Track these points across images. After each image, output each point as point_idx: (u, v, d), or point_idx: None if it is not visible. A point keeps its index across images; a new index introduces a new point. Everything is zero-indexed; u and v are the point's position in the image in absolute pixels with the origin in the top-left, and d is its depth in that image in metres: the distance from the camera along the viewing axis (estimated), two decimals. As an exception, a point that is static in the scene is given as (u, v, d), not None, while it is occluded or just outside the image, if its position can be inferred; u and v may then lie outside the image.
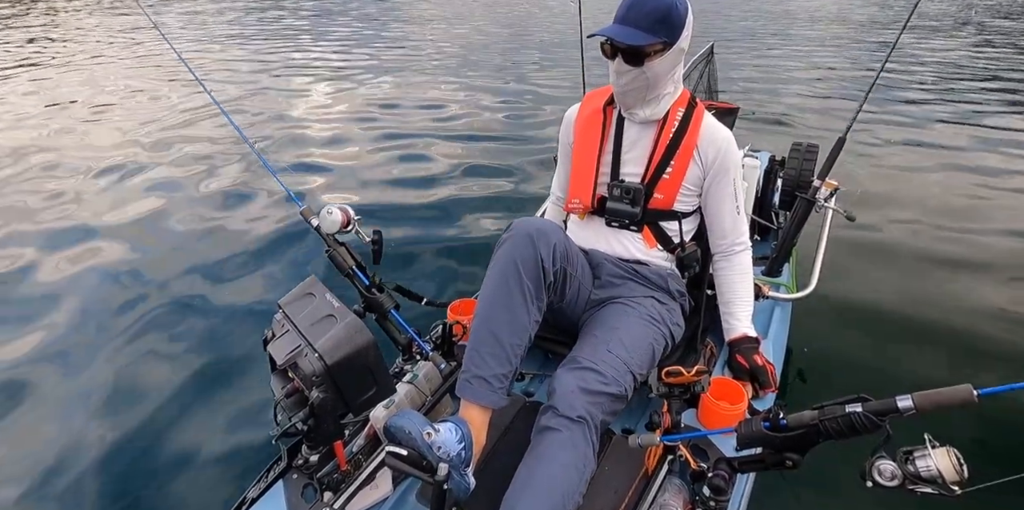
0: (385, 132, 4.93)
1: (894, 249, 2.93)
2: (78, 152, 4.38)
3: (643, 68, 1.22)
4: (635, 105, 1.32)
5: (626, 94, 1.29)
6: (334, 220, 1.34)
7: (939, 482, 0.72)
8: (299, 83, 6.79)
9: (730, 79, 6.77)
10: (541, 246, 1.17)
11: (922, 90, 6.53)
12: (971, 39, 10.53)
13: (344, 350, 1.01)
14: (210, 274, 2.72)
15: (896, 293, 2.53)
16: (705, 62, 3.34)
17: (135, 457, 1.76)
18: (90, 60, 8.16)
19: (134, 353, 2.20)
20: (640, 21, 1.18)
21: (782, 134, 4.84)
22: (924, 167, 4.14)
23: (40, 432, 1.85)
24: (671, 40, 1.21)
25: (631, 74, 1.24)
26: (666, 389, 1.08)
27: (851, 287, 2.51)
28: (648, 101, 1.30)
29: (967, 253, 2.90)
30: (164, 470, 1.71)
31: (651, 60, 1.22)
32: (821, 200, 1.89)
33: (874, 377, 2.01)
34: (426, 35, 11.30)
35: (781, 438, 0.88)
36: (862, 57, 8.92)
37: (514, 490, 1.00)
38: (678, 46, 1.22)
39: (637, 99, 1.30)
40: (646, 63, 1.22)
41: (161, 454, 1.77)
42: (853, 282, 2.57)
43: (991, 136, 4.84)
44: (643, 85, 1.26)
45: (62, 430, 1.85)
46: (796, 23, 13.82)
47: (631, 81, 1.25)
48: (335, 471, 1.16)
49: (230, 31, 11.42)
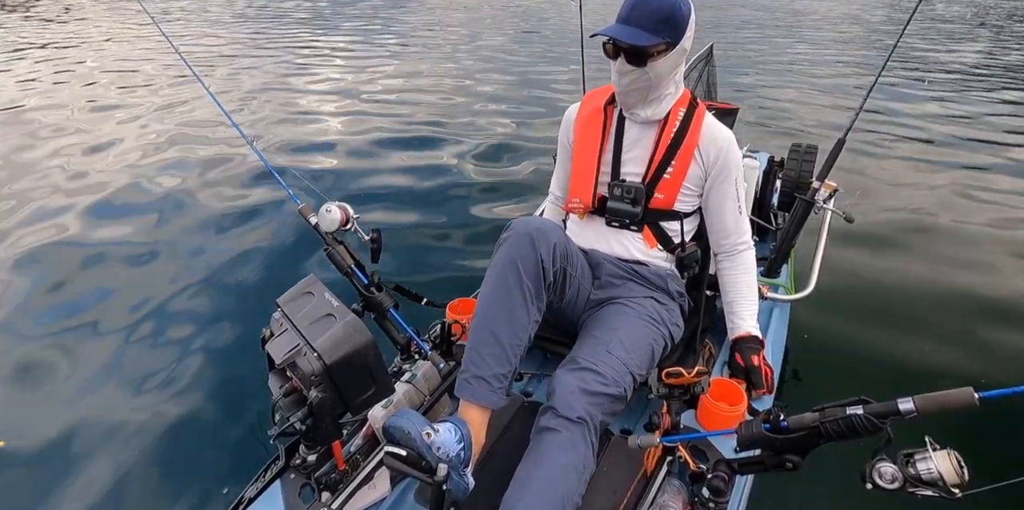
0: (385, 132, 4.92)
1: (893, 250, 2.93)
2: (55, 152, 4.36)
3: (646, 68, 1.22)
4: (636, 105, 1.31)
5: (628, 94, 1.29)
6: (333, 219, 1.33)
7: (940, 485, 0.72)
8: (298, 80, 6.77)
9: (730, 79, 6.77)
10: (541, 246, 1.16)
11: (922, 92, 6.54)
12: (981, 43, 10.54)
13: (343, 349, 1.00)
14: (207, 272, 2.71)
15: (895, 294, 2.53)
16: (705, 62, 3.34)
17: (133, 456, 1.75)
18: (90, 50, 8.14)
19: (129, 349, 2.19)
20: (643, 21, 1.17)
21: (781, 135, 4.85)
22: (924, 169, 4.15)
23: (37, 426, 1.84)
24: (674, 40, 1.20)
25: (633, 74, 1.23)
26: (666, 390, 1.07)
27: (850, 288, 2.52)
28: (650, 101, 1.30)
29: (967, 254, 2.90)
30: (161, 469, 1.71)
31: (654, 60, 1.21)
32: (820, 201, 1.89)
33: (873, 378, 2.01)
34: (434, 26, 11.27)
35: (781, 440, 0.87)
36: (864, 58, 8.93)
37: (513, 491, 1.00)
38: (680, 46, 1.22)
39: (639, 99, 1.29)
40: (649, 63, 1.21)
41: (158, 453, 1.76)
42: (852, 283, 2.57)
43: (992, 137, 4.85)
44: (645, 85, 1.25)
45: (56, 423, 1.85)
46: (798, 22, 13.84)
47: (633, 81, 1.25)
48: (333, 471, 1.16)
49: (233, 22, 11.41)
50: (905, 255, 2.90)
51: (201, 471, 1.70)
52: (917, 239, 3.06)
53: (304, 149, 4.44)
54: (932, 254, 2.90)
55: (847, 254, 2.75)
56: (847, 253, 2.76)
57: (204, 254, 2.87)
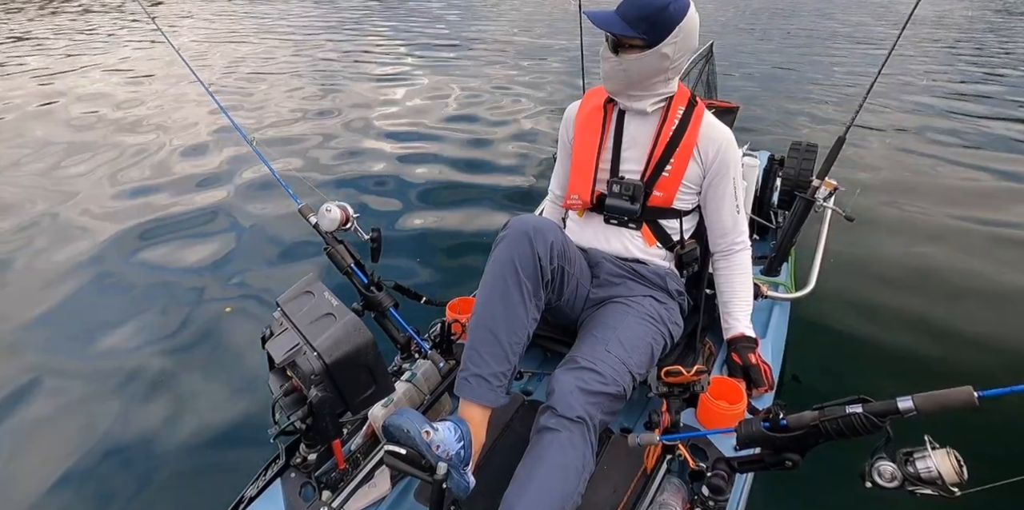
0: (385, 129, 4.92)
1: (893, 249, 2.93)
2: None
3: (619, 59, 1.24)
4: (617, 94, 1.34)
5: (608, 80, 1.32)
6: (333, 218, 1.33)
7: (939, 483, 0.72)
8: (299, 78, 6.76)
9: (730, 78, 6.76)
10: (538, 244, 1.17)
11: (923, 90, 6.53)
12: (989, 44, 10.50)
13: (343, 349, 1.01)
14: (207, 272, 2.71)
15: (895, 293, 2.53)
16: (704, 61, 3.34)
17: (131, 456, 1.75)
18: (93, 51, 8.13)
19: (129, 349, 2.19)
20: (628, 12, 1.21)
21: (781, 133, 4.84)
22: (924, 168, 4.14)
23: (35, 427, 1.85)
24: (650, 39, 1.20)
25: (611, 61, 1.27)
26: (665, 388, 1.08)
27: (850, 287, 2.51)
28: (631, 96, 1.32)
29: (967, 254, 2.90)
30: (160, 468, 1.71)
31: (626, 53, 1.24)
32: (820, 200, 1.89)
33: (873, 377, 2.01)
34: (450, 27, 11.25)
35: (781, 438, 0.88)
36: (865, 55, 8.91)
37: (513, 491, 1.00)
38: (658, 50, 1.21)
39: (618, 88, 1.32)
40: (621, 54, 1.24)
41: (157, 452, 1.76)
42: (852, 282, 2.57)
43: (993, 138, 4.84)
44: (621, 77, 1.28)
45: (57, 424, 1.85)
46: (799, 20, 13.81)
47: (611, 68, 1.28)
48: (333, 470, 1.16)
49: (239, 20, 11.41)
50: (905, 254, 2.89)
51: (201, 471, 1.70)
52: (917, 239, 3.06)
53: (304, 147, 4.43)
54: (933, 254, 2.90)
55: (847, 253, 2.75)
56: (847, 252, 2.75)
57: (204, 253, 2.87)
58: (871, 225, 3.11)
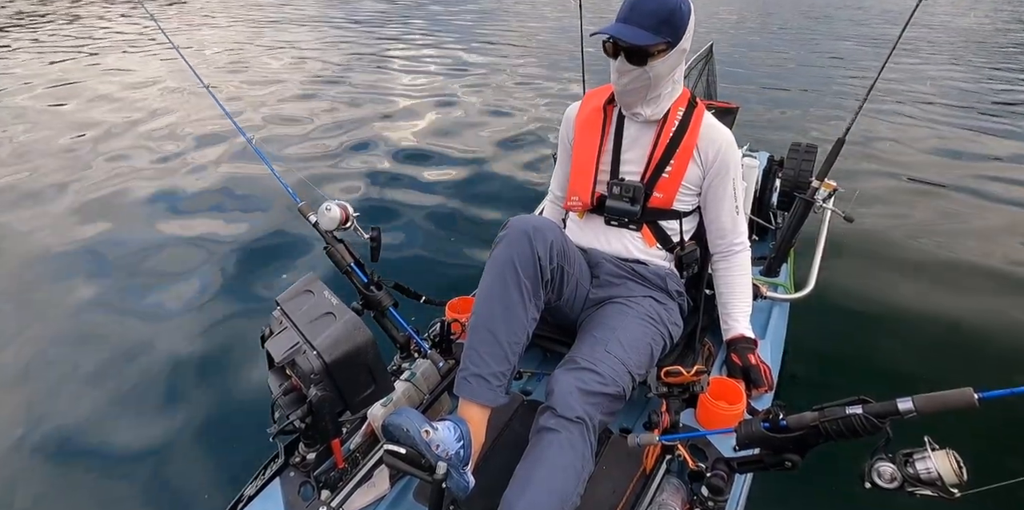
0: (385, 128, 4.91)
1: (892, 250, 2.93)
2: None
3: (645, 68, 1.21)
4: (636, 104, 1.31)
5: (627, 93, 1.29)
6: (333, 217, 1.33)
7: (938, 484, 0.72)
8: (300, 79, 6.75)
9: (730, 78, 6.76)
10: (538, 244, 1.16)
11: (924, 91, 6.54)
12: (993, 48, 10.50)
13: (343, 348, 1.00)
14: (207, 271, 2.71)
15: (895, 294, 2.53)
16: (704, 62, 3.34)
17: (130, 455, 1.75)
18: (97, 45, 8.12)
19: (128, 347, 2.19)
20: (644, 20, 1.17)
21: (781, 134, 4.84)
22: (924, 168, 4.15)
23: (34, 427, 1.85)
24: (674, 40, 1.20)
25: (633, 74, 1.23)
26: (665, 389, 1.08)
27: (849, 288, 2.52)
28: (649, 100, 1.30)
29: (967, 254, 2.90)
30: (160, 467, 1.71)
31: (654, 60, 1.21)
32: (819, 201, 1.89)
33: (873, 378, 2.01)
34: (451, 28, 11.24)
35: (780, 439, 0.88)
36: (865, 56, 8.92)
37: (512, 491, 1.00)
38: (680, 46, 1.22)
39: (638, 98, 1.29)
40: (649, 63, 1.21)
41: (157, 451, 1.76)
42: (851, 283, 2.57)
43: (993, 138, 4.85)
44: (644, 85, 1.25)
45: (56, 424, 1.85)
46: (800, 20, 13.82)
47: (632, 80, 1.25)
48: (332, 469, 1.16)
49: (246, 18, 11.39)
50: (905, 254, 2.89)
51: (201, 470, 1.70)
52: (918, 238, 3.06)
53: (304, 146, 4.43)
54: (933, 253, 2.90)
55: (847, 253, 2.75)
56: (847, 252, 2.76)
57: (203, 253, 2.87)
58: (870, 226, 3.12)
